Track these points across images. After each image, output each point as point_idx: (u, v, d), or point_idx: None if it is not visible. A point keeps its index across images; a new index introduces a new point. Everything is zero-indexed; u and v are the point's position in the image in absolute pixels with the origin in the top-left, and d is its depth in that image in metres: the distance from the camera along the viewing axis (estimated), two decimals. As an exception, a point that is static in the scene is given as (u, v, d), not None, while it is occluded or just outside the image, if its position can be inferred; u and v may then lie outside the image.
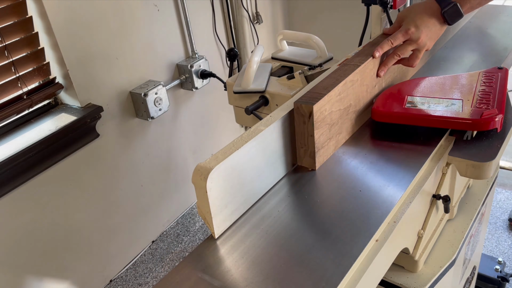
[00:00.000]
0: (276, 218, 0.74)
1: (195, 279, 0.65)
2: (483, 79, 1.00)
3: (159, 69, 2.02)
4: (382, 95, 0.99)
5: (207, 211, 0.70)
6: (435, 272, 0.93)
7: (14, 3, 1.51)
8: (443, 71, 1.16)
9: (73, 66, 1.66)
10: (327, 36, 2.71)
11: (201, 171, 0.68)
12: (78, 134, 1.69)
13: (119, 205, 1.98)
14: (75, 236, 1.81)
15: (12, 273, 1.63)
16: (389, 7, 1.45)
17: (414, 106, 0.93)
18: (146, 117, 1.92)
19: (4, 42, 1.50)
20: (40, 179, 1.63)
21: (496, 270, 1.71)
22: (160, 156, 2.13)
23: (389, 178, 0.81)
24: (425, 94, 0.98)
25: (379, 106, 0.94)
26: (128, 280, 2.08)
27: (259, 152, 0.77)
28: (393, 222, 0.73)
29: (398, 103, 0.95)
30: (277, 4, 2.65)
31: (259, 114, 1.24)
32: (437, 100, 0.94)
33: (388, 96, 0.98)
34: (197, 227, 2.41)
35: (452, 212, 1.04)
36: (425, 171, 0.84)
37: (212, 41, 2.29)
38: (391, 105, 0.94)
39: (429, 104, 0.93)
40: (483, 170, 0.85)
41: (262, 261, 0.66)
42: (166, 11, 1.99)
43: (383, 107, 0.94)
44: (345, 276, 0.62)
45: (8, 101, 1.56)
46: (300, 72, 1.24)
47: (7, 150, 1.50)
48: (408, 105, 0.94)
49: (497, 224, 2.19)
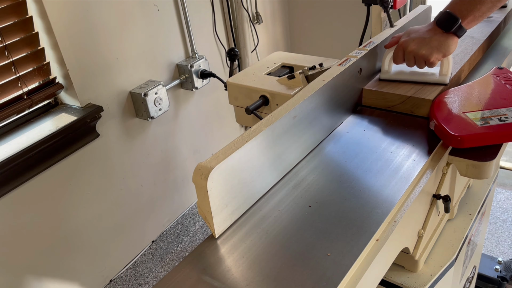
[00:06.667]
0: (276, 218, 0.74)
1: (195, 279, 0.65)
2: (504, 82, 0.99)
3: (159, 69, 2.02)
4: (439, 117, 0.90)
5: (207, 210, 0.70)
6: (435, 272, 0.93)
7: (14, 3, 1.51)
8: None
9: (73, 66, 1.66)
10: (327, 36, 2.72)
11: (202, 171, 0.68)
12: (78, 134, 1.69)
13: (119, 205, 1.98)
14: (75, 236, 1.81)
15: (12, 273, 1.63)
16: (390, 7, 1.45)
17: (486, 123, 0.87)
18: (146, 117, 1.92)
19: (4, 42, 1.50)
20: (40, 179, 1.63)
21: (496, 270, 1.71)
22: (160, 156, 2.13)
23: (389, 178, 0.81)
24: (475, 107, 0.93)
25: (454, 131, 0.86)
26: (128, 280, 2.08)
27: (260, 152, 0.77)
28: (393, 222, 0.73)
29: (465, 124, 0.88)
30: (277, 4, 2.65)
31: (259, 114, 1.24)
32: (496, 111, 0.90)
33: (444, 120, 0.90)
34: (197, 227, 2.41)
35: (452, 212, 1.04)
36: (425, 171, 0.84)
37: (212, 41, 2.29)
38: (463, 128, 0.87)
39: (495, 117, 0.88)
40: (483, 170, 0.85)
41: (262, 261, 0.66)
42: (166, 11, 1.99)
43: (459, 131, 0.86)
44: (345, 275, 0.62)
45: (8, 101, 1.57)
46: (301, 72, 1.24)
47: (7, 150, 1.50)
48: (479, 123, 0.87)
49: (497, 224, 2.19)
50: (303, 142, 0.88)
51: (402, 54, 1.01)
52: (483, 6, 0.94)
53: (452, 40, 0.96)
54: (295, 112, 0.83)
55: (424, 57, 0.97)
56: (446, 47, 0.97)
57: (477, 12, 0.94)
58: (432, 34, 0.97)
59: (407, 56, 1.00)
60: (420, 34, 0.99)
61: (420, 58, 0.98)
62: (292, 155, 0.86)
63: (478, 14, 0.95)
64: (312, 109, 0.88)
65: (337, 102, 0.97)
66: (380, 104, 1.03)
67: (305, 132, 0.88)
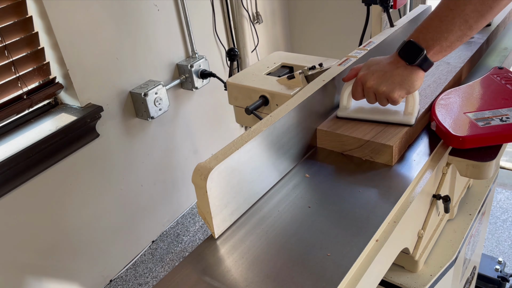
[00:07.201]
0: (276, 218, 0.74)
1: (195, 279, 0.65)
2: (504, 82, 0.99)
3: (159, 69, 2.02)
4: (439, 120, 0.89)
5: (207, 211, 0.70)
6: (435, 272, 0.93)
7: (14, 3, 1.51)
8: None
9: (73, 66, 1.66)
10: (327, 36, 2.72)
11: (201, 171, 0.68)
12: (78, 134, 1.69)
13: (119, 205, 1.98)
14: (75, 236, 1.81)
15: (12, 273, 1.63)
16: (390, 7, 1.45)
17: (487, 123, 0.86)
18: (146, 117, 1.91)
19: (4, 42, 1.50)
20: (40, 179, 1.63)
21: (496, 270, 1.71)
22: (160, 156, 2.13)
23: (389, 177, 0.81)
24: (476, 107, 0.92)
25: (456, 131, 0.85)
26: (128, 280, 2.08)
27: (260, 152, 0.77)
28: (393, 222, 0.73)
29: (466, 124, 0.87)
30: (277, 4, 2.65)
31: (259, 114, 1.24)
32: (498, 112, 0.89)
33: (446, 120, 0.89)
34: (197, 227, 2.41)
35: (452, 212, 1.04)
36: (425, 171, 0.84)
37: (212, 41, 2.29)
38: (464, 129, 0.86)
39: (497, 117, 0.87)
40: (483, 170, 0.85)
41: (262, 261, 0.66)
42: (166, 11, 1.99)
43: (461, 132, 0.85)
44: (345, 276, 0.62)
45: (8, 101, 1.56)
46: (300, 72, 1.24)
47: (7, 150, 1.50)
48: (481, 124, 0.86)
49: (497, 224, 2.19)
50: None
51: (361, 90, 0.88)
52: (451, 35, 0.79)
53: (417, 75, 0.83)
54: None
55: (385, 94, 0.85)
56: (410, 83, 0.84)
57: (445, 42, 0.80)
58: (394, 67, 0.84)
59: (367, 92, 0.88)
60: (380, 67, 0.86)
61: (381, 95, 0.86)
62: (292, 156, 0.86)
63: (446, 44, 0.80)
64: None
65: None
66: (336, 147, 0.90)
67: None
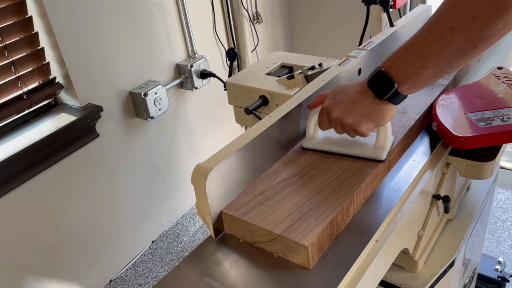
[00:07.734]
0: (275, 218, 0.74)
1: (195, 279, 0.65)
2: (505, 82, 0.99)
3: (159, 69, 2.02)
4: (440, 121, 0.89)
5: (206, 211, 0.70)
6: (435, 272, 0.93)
7: (14, 3, 1.51)
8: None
9: (73, 66, 1.66)
10: (327, 36, 2.72)
11: (200, 171, 0.68)
12: (78, 134, 1.69)
13: (119, 205, 1.98)
14: (75, 236, 1.81)
15: (12, 273, 1.63)
16: (389, 7, 1.45)
17: (489, 123, 0.86)
18: (146, 117, 1.91)
19: (4, 42, 1.50)
20: (40, 179, 1.63)
21: (496, 270, 1.71)
22: (160, 156, 2.13)
23: (389, 178, 0.81)
24: (476, 108, 0.91)
25: (457, 132, 0.85)
26: (128, 280, 2.08)
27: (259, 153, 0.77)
28: (393, 223, 0.73)
29: (467, 125, 0.86)
30: (277, 4, 2.65)
31: (259, 114, 1.24)
32: (499, 112, 0.89)
33: (447, 121, 0.89)
34: (197, 227, 2.41)
35: (452, 212, 1.04)
36: (425, 171, 0.84)
37: (212, 41, 2.29)
38: (466, 129, 0.85)
39: (498, 117, 0.87)
40: (483, 170, 0.85)
41: (261, 261, 0.66)
42: (166, 11, 1.99)
43: (462, 132, 0.84)
44: (345, 276, 0.62)
45: (8, 101, 1.56)
46: (300, 72, 1.24)
47: (7, 150, 1.50)
48: (482, 124, 0.86)
49: (497, 224, 2.19)
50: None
51: (328, 120, 0.80)
52: (426, 71, 0.69)
53: (387, 107, 0.75)
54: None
55: (351, 127, 0.77)
56: (379, 115, 0.76)
57: (419, 78, 0.71)
58: (362, 97, 0.76)
59: (333, 123, 0.79)
60: (347, 96, 0.77)
61: (347, 128, 0.78)
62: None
63: (420, 81, 0.71)
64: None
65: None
66: (245, 236, 0.70)
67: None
